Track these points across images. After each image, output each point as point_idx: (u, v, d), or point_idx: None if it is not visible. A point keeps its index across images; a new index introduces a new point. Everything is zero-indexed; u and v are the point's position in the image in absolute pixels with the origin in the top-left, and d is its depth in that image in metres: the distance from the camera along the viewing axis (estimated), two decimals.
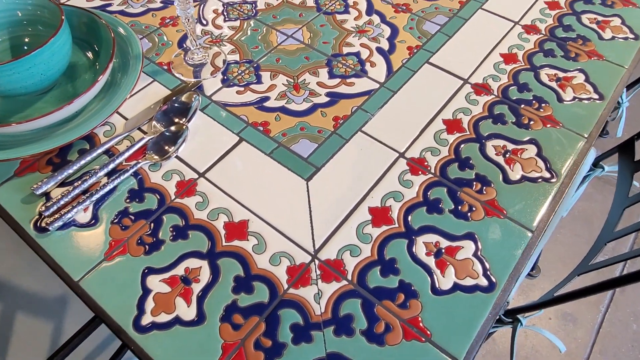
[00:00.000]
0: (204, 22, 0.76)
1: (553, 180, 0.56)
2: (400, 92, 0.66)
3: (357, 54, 0.71)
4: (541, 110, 0.64)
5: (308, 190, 0.56)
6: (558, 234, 1.52)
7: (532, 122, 0.62)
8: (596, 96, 0.65)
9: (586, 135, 0.61)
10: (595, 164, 1.06)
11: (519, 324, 0.80)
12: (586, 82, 0.67)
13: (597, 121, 0.63)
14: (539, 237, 0.51)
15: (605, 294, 1.39)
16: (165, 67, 0.69)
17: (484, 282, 0.47)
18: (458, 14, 0.77)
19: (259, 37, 0.74)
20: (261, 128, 0.62)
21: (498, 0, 0.79)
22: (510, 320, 0.83)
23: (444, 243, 0.50)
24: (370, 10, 0.78)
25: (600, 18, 0.77)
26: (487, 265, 0.48)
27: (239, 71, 0.69)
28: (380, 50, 0.72)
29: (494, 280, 0.47)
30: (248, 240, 0.52)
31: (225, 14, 0.77)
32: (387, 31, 0.75)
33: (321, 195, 0.55)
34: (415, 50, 0.71)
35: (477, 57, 0.70)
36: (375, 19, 0.77)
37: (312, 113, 0.63)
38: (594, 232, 1.45)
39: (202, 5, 0.79)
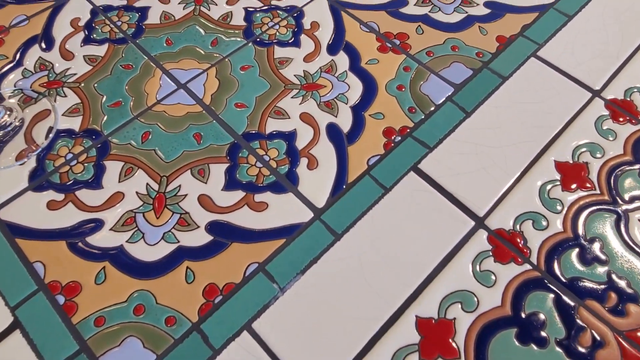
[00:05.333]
0: (46, 44, 0.44)
1: None
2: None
3: (289, 136, 0.39)
4: None
5: None
6: None
7: None
8: None
9: None
10: None
11: None
12: None
13: None
14: None
15: None
16: None
17: None
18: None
19: (130, 82, 0.42)
20: (62, 297, 0.32)
21: None
22: None
23: None
24: (338, 44, 0.45)
25: None
26: None
27: (69, 155, 0.38)
28: (331, 129, 0.39)
29: None
30: None
31: (87, 30, 0.46)
32: (358, 89, 0.42)
33: None
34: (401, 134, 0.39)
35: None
36: (343, 61, 0.44)
37: (172, 269, 0.33)
38: None
39: (54, 12, 0.47)
